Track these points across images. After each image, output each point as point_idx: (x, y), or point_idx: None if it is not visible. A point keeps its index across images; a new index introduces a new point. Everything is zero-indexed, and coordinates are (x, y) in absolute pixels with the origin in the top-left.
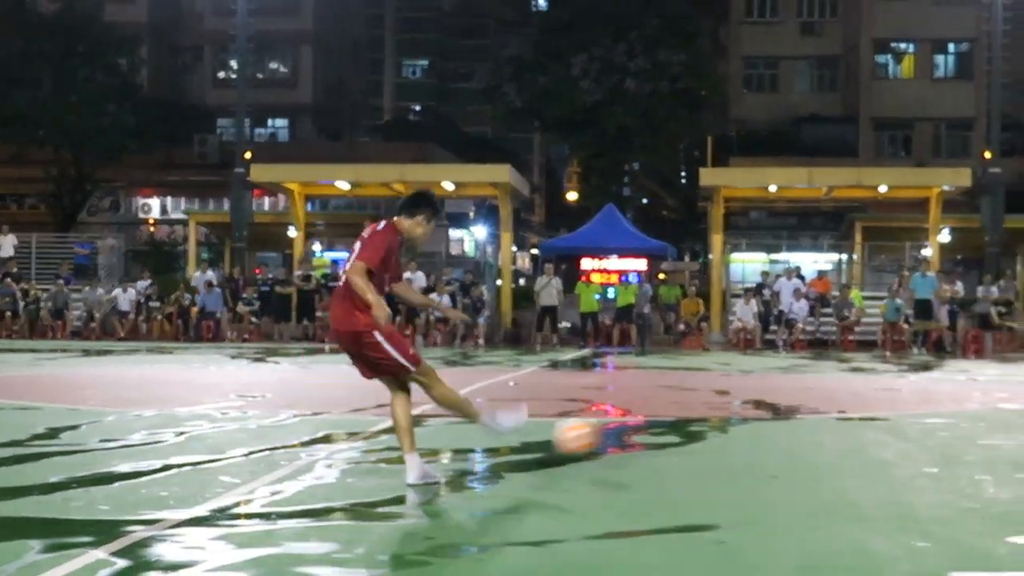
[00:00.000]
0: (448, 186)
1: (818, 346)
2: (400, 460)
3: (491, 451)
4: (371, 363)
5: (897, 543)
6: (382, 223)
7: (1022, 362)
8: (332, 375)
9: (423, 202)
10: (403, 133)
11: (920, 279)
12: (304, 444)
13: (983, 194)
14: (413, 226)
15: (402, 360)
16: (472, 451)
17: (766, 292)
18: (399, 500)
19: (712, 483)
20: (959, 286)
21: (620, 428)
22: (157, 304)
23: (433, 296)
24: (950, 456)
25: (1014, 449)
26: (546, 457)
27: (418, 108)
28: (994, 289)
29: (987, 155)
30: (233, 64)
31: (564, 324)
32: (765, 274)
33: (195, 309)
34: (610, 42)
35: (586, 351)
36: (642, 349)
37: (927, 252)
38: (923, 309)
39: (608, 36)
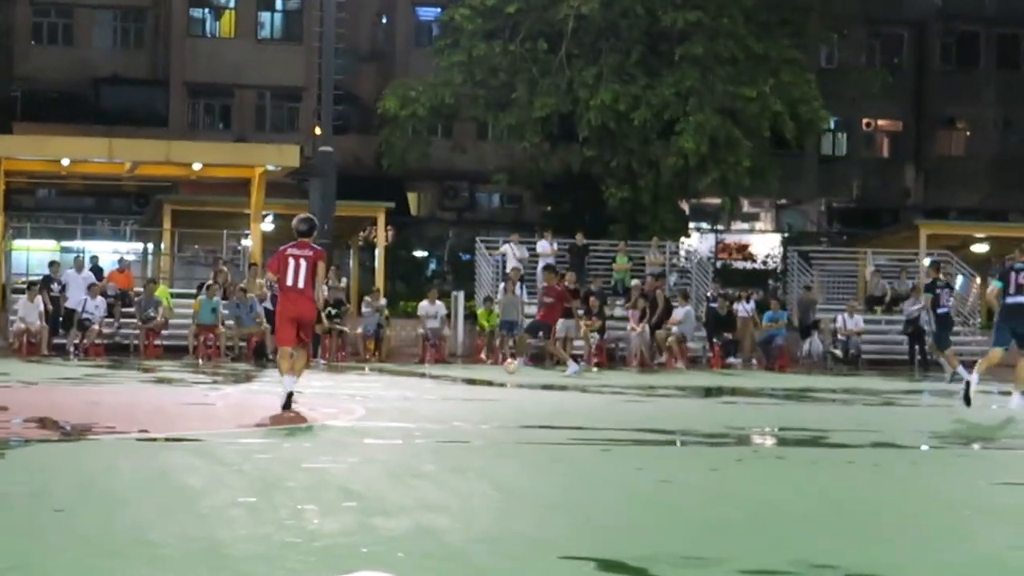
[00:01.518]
0: None
1: (118, 352)
2: None
3: None
4: None
5: None
6: None
7: (353, 372)
8: None
9: None
10: None
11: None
12: None
13: (313, 176)
14: None
15: None
16: None
17: (55, 287)
18: None
19: None
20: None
21: None
22: None
23: None
24: (271, 482)
25: (344, 473)
26: None
27: None
28: (324, 288)
29: (317, 131)
30: None
31: None
32: (54, 265)
33: None
34: None
35: None
36: None
37: (248, 243)
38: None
39: None
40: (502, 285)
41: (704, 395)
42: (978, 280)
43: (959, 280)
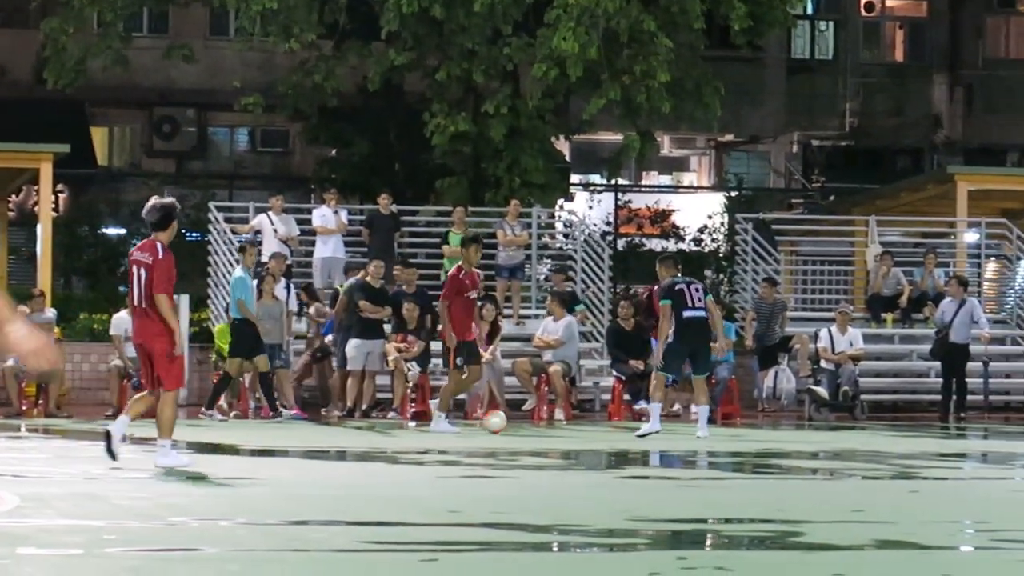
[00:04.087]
0: None
1: None
2: None
3: None
4: None
5: None
6: None
7: None
8: None
9: None
10: None
11: None
12: None
13: None
14: None
15: None
16: None
17: None
18: None
19: None
20: None
21: None
22: None
23: None
24: None
25: None
26: None
27: None
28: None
29: None
30: None
31: None
32: None
33: None
34: None
35: None
36: None
37: None
38: None
39: None
40: (254, 284)
41: (598, 466)
42: None
43: (1022, 265)
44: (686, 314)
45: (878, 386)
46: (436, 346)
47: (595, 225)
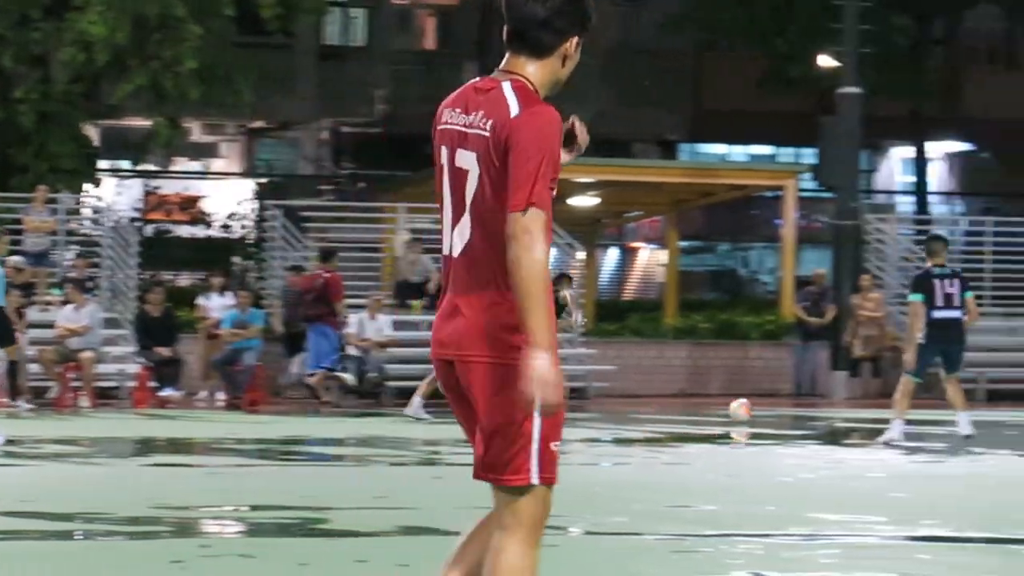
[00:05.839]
0: None
1: None
2: None
3: None
4: None
5: None
6: None
7: None
8: None
9: None
10: None
11: None
12: None
13: None
14: None
15: None
16: None
17: None
18: None
19: None
20: None
21: None
22: None
23: None
24: None
25: None
26: None
27: None
28: None
29: None
30: None
31: None
32: None
33: None
34: None
35: None
36: None
37: None
38: None
39: None
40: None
41: (123, 454)
42: (579, 254)
43: (551, 254)
44: None
45: (406, 373)
46: None
47: (123, 211)
